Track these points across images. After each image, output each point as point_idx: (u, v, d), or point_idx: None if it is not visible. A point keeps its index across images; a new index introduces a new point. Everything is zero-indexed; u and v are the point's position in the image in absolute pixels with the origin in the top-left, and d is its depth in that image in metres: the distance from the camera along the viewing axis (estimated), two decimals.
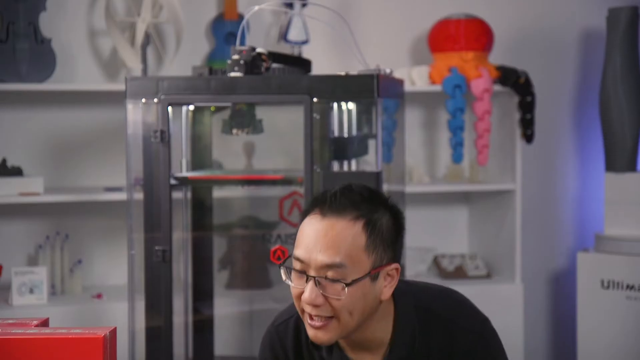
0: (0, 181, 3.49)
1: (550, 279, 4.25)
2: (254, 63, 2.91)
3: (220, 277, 3.69)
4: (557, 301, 4.23)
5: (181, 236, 3.34)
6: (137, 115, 2.95)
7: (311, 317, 1.68)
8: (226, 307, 3.48)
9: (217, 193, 3.51)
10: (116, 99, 3.43)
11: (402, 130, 3.45)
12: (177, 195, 3.25)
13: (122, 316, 3.10)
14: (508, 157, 3.89)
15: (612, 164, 3.82)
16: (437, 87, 3.79)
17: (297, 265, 1.68)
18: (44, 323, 1.67)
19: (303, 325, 1.79)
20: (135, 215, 3.02)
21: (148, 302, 2.94)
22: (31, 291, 3.44)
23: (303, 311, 1.69)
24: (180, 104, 3.17)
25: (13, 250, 3.71)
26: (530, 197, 4.13)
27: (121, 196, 3.34)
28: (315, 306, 1.66)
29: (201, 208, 3.42)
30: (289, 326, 1.84)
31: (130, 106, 2.94)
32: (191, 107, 3.31)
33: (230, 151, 3.75)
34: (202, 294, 3.41)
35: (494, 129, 3.86)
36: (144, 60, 3.68)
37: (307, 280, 1.66)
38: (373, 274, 1.66)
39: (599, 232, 3.85)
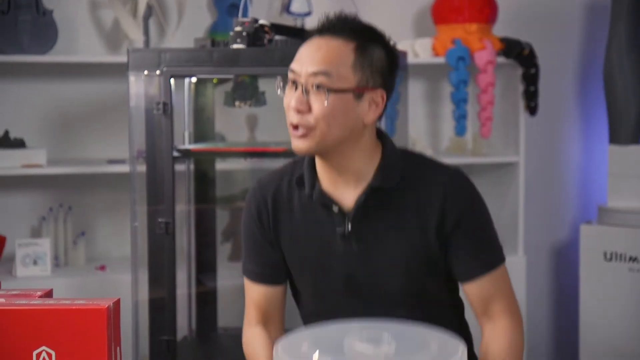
0: (2, 153, 3.49)
1: (553, 251, 4.25)
2: (256, 35, 2.90)
3: (223, 250, 3.70)
4: (560, 273, 4.23)
5: (184, 208, 3.34)
6: (139, 87, 2.94)
7: (295, 128, 1.81)
8: (229, 279, 3.48)
9: (220, 165, 3.51)
10: (118, 71, 3.42)
11: (405, 103, 3.44)
12: (179, 167, 3.25)
13: (126, 288, 3.11)
14: (511, 130, 3.88)
15: (616, 137, 3.81)
16: (441, 59, 3.77)
17: (290, 76, 1.84)
18: (48, 294, 1.68)
19: (285, 177, 1.94)
20: (138, 188, 3.02)
21: (151, 274, 2.95)
22: (35, 263, 3.45)
23: (292, 125, 1.82)
24: (183, 76, 3.16)
25: (16, 222, 3.71)
26: (534, 170, 4.12)
27: (124, 168, 3.34)
28: (300, 113, 1.80)
29: (204, 180, 3.42)
30: (273, 179, 1.97)
31: (132, 78, 2.93)
32: (193, 79, 3.30)
33: (232, 123, 3.75)
34: (205, 266, 3.42)
35: (497, 101, 3.85)
36: (146, 32, 3.66)
37: (296, 89, 1.81)
38: (357, 92, 1.80)
39: (602, 205, 3.85)
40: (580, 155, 4.25)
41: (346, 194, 1.87)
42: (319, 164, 1.88)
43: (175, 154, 2.97)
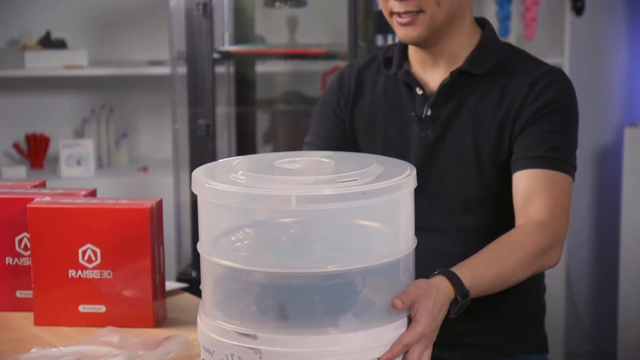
0: (44, 53, 3.51)
1: (597, 154, 4.21)
2: None
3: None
4: (603, 177, 4.21)
5: (224, 111, 3.35)
6: None
7: (399, 15, 1.68)
8: None
9: (260, 68, 3.49)
10: None
11: None
12: (220, 69, 3.24)
13: (167, 189, 3.15)
14: (556, 31, 3.81)
15: None
16: None
17: None
18: (92, 194, 1.71)
19: (378, 58, 1.83)
20: (179, 90, 3.03)
21: None
22: (78, 163, 3.50)
23: (391, 15, 1.70)
24: None
25: (60, 122, 3.75)
26: (579, 71, 4.05)
27: (164, 70, 3.34)
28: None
29: (244, 82, 3.42)
30: (365, 59, 1.88)
31: None
32: None
33: (273, 25, 3.71)
34: None
35: (542, 1, 3.77)
36: None
37: None
38: None
39: None
40: (627, 57, 4.17)
41: (435, 77, 1.76)
42: (411, 46, 1.77)
43: (216, 55, 2.96)
